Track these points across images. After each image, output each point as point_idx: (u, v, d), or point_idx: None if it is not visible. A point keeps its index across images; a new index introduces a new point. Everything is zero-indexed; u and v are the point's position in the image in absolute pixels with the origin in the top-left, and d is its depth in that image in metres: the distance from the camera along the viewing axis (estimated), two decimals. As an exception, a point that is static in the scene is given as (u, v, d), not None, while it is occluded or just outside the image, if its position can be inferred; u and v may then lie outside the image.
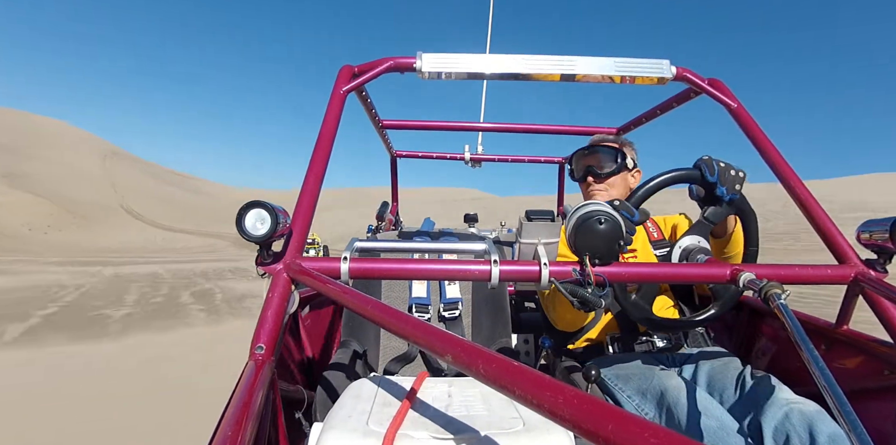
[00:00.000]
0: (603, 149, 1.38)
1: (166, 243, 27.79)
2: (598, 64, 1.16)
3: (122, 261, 15.44)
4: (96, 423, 2.97)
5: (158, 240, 29.49)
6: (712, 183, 0.99)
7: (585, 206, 0.84)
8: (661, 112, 1.60)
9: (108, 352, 4.71)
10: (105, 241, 29.96)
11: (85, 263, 14.11)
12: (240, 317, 6.55)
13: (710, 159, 0.99)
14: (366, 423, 0.67)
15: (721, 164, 0.99)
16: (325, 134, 1.07)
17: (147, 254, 19.91)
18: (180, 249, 24.72)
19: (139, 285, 9.58)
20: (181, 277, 11.04)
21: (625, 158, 1.36)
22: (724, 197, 1.00)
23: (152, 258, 17.07)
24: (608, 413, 0.37)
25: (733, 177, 0.98)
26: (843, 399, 0.63)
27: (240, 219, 0.79)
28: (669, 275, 0.93)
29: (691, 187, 1.05)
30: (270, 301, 0.79)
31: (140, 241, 28.84)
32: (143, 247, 24.33)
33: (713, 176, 0.98)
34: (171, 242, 29.38)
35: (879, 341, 0.99)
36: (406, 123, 2.12)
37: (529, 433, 0.66)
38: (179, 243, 28.72)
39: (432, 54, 1.18)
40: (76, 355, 4.59)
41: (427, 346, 0.54)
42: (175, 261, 16.03)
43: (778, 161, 1.12)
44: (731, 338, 1.47)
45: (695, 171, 1.00)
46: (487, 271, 0.84)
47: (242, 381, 0.65)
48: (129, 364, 4.30)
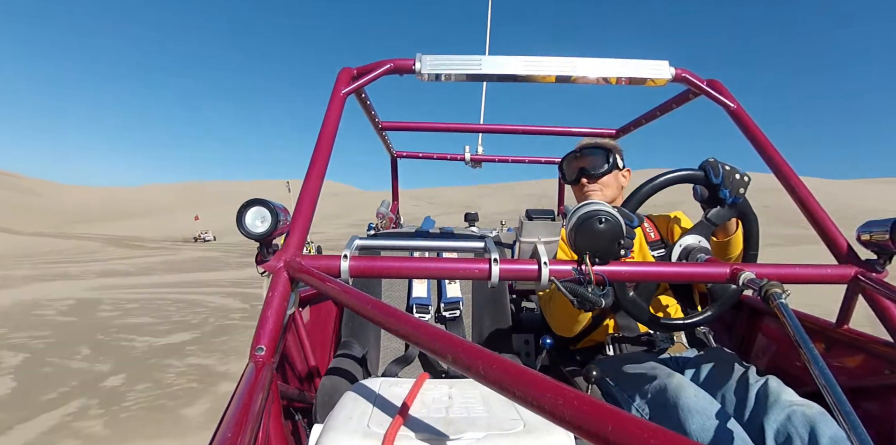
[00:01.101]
0: (594, 151, 1.42)
1: (30, 249, 22.33)
2: (597, 65, 1.17)
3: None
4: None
5: (21, 247, 23.55)
6: (716, 185, 1.00)
7: (586, 205, 0.84)
8: (661, 113, 1.60)
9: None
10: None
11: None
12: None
13: (716, 162, 1.00)
14: (366, 425, 0.67)
15: (727, 167, 1.00)
16: (325, 135, 1.08)
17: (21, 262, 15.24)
18: (49, 252, 20.58)
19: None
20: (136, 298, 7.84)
21: (615, 158, 1.40)
22: (727, 200, 1.01)
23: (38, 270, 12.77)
24: (608, 415, 0.37)
25: (738, 180, 0.99)
26: (844, 398, 0.63)
27: (240, 217, 0.79)
28: (670, 274, 0.93)
29: (696, 188, 1.06)
30: (270, 301, 0.79)
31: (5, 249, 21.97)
32: (9, 255, 18.37)
33: (718, 178, 0.99)
34: (36, 246, 24.23)
35: (880, 340, 0.99)
36: (405, 125, 2.12)
37: (530, 434, 0.66)
38: (46, 246, 24.25)
39: (431, 56, 1.18)
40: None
41: (427, 347, 0.54)
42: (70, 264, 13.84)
43: (778, 161, 1.12)
44: (731, 338, 1.47)
45: (699, 172, 1.01)
46: (487, 269, 0.84)
47: (242, 382, 0.64)
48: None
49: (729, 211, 1.04)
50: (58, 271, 12.28)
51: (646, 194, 1.02)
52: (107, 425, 3.07)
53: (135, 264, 14.68)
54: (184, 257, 18.49)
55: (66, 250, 22.03)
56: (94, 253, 20.34)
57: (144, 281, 10.49)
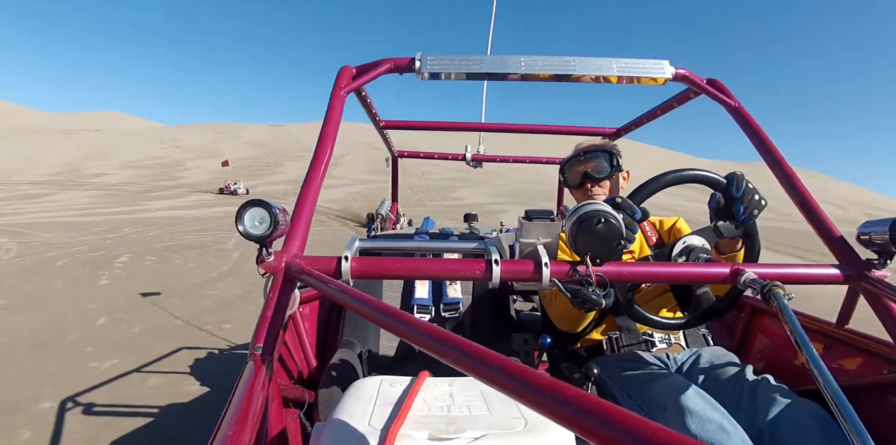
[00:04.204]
0: (596, 154, 1.41)
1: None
2: (597, 64, 1.17)
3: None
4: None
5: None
6: (734, 198, 0.99)
7: (585, 206, 0.84)
8: (662, 113, 1.60)
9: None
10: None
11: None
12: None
13: (742, 176, 0.99)
14: (367, 423, 0.67)
15: (750, 185, 0.99)
16: (326, 134, 1.08)
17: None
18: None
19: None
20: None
21: (618, 160, 1.40)
22: (739, 215, 1.00)
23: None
24: (608, 413, 0.37)
25: (755, 201, 0.99)
26: (843, 398, 0.63)
27: (239, 218, 0.79)
28: (670, 274, 0.93)
29: (715, 195, 1.05)
30: (270, 301, 0.79)
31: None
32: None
33: (738, 192, 0.98)
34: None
35: (879, 340, 0.99)
36: (406, 123, 2.12)
37: (531, 433, 0.66)
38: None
39: (431, 55, 1.18)
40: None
41: (427, 346, 0.54)
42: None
43: (778, 160, 1.13)
44: (731, 338, 1.47)
45: (721, 179, 1.01)
46: (488, 270, 0.84)
47: (242, 381, 0.64)
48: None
49: (737, 228, 1.03)
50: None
51: (665, 183, 1.00)
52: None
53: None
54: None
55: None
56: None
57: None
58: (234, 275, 6.37)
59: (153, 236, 10.30)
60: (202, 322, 4.15)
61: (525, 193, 34.58)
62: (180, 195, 27.33)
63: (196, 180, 43.75)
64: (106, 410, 2.55)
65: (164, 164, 59.28)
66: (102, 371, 3.06)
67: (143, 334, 3.83)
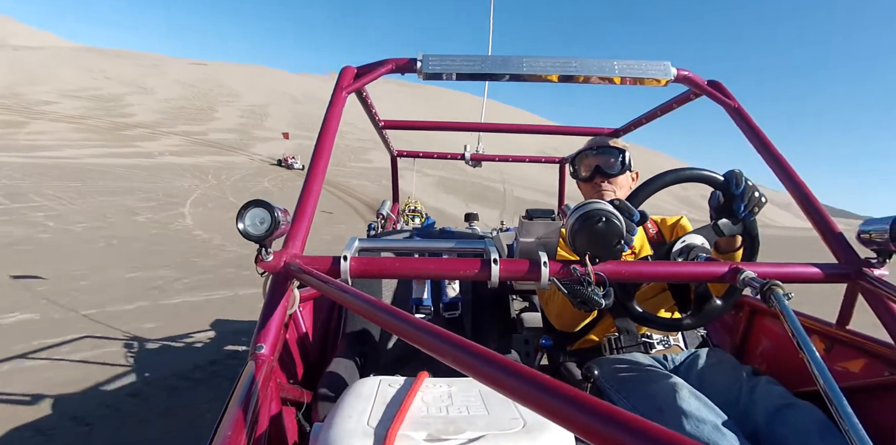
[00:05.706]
0: (610, 150, 1.41)
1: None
2: (599, 65, 1.17)
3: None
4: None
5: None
6: (734, 196, 0.99)
7: (586, 205, 0.84)
8: (662, 113, 1.60)
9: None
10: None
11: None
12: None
13: (741, 174, 0.99)
14: (366, 423, 0.67)
15: (749, 182, 0.99)
16: (326, 134, 1.08)
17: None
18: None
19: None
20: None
21: (629, 159, 1.40)
22: (739, 213, 1.00)
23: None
24: (607, 414, 0.37)
25: (755, 198, 0.99)
26: (843, 399, 0.63)
27: (239, 218, 0.79)
28: (669, 274, 0.93)
29: (715, 194, 1.05)
30: (271, 301, 0.79)
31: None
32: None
33: (738, 189, 0.99)
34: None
35: (879, 341, 0.99)
36: (406, 123, 2.12)
37: (529, 433, 0.66)
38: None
39: (432, 55, 1.18)
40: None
41: (427, 346, 0.54)
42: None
43: (780, 161, 1.13)
44: (731, 338, 1.47)
45: (720, 177, 1.01)
46: (488, 270, 0.84)
47: (242, 381, 0.64)
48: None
49: (737, 226, 1.03)
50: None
51: (665, 183, 1.00)
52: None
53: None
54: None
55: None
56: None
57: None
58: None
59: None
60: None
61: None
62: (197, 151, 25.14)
63: (148, 119, 40.23)
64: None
65: (103, 97, 53.01)
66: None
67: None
